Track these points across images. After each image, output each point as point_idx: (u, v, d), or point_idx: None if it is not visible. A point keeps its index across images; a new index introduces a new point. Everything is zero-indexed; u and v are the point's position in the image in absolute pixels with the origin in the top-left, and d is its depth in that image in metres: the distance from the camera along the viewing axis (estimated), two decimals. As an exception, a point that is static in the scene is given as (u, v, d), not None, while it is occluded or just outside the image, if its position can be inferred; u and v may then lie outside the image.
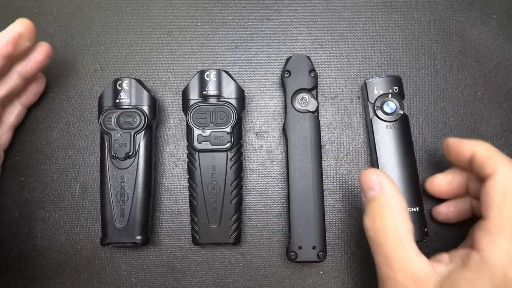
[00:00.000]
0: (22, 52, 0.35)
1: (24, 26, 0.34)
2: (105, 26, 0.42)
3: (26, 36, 0.34)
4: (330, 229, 0.38)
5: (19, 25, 0.34)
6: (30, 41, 0.35)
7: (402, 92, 0.37)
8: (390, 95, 0.37)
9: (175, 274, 0.38)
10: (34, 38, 0.35)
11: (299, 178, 0.35)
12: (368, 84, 0.38)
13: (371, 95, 0.37)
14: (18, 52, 0.34)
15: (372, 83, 0.38)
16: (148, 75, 0.41)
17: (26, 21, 0.34)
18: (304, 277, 0.37)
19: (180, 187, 0.39)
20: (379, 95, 0.37)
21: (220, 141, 0.36)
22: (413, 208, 0.35)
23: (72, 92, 0.41)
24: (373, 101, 0.37)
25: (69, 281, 0.38)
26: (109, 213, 0.36)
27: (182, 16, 0.42)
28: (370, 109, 0.37)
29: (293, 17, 0.42)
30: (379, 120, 0.37)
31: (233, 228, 0.36)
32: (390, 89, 0.37)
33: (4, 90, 0.36)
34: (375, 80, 0.38)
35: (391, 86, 0.37)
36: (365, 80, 0.38)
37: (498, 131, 0.39)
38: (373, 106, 0.37)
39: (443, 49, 0.41)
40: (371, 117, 0.37)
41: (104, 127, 0.36)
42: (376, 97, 0.37)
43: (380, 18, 0.42)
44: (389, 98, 0.37)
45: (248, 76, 0.41)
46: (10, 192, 0.40)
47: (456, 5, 0.42)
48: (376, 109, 0.37)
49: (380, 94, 0.37)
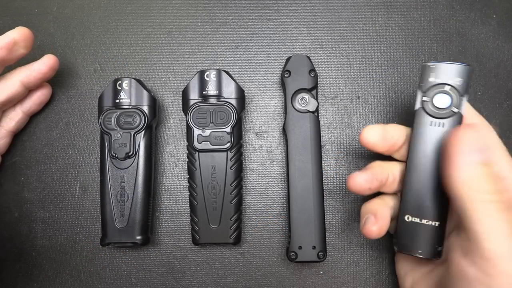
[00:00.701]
0: (16, 58, 0.35)
1: (21, 34, 0.34)
2: (105, 26, 0.42)
3: (21, 43, 0.35)
4: (330, 229, 0.38)
5: (16, 32, 0.34)
6: (26, 49, 0.35)
7: (467, 86, 0.30)
8: (448, 87, 0.30)
9: (175, 274, 0.38)
10: (30, 46, 0.36)
11: (299, 178, 0.35)
12: (425, 68, 0.30)
13: (425, 82, 0.30)
14: (12, 58, 0.35)
15: (430, 68, 0.30)
16: (148, 75, 0.41)
17: (24, 29, 0.35)
18: (304, 277, 0.37)
19: (180, 187, 0.39)
20: (434, 84, 0.30)
21: (220, 141, 0.36)
22: (432, 222, 0.30)
23: (72, 92, 0.41)
24: (425, 90, 0.30)
25: (69, 281, 0.38)
26: (109, 213, 0.36)
27: (182, 16, 0.42)
28: (418, 98, 0.31)
29: (293, 17, 0.42)
30: (424, 113, 0.30)
31: (233, 228, 0.36)
32: (451, 79, 0.30)
33: (4, 95, 0.36)
34: (436, 65, 0.30)
35: (455, 76, 0.30)
36: (424, 63, 0.31)
37: (498, 131, 0.39)
38: (422, 95, 0.30)
39: (443, 49, 0.41)
40: (415, 108, 0.31)
41: (104, 127, 0.36)
42: (430, 86, 0.30)
43: (380, 18, 0.42)
44: (444, 90, 0.30)
45: (248, 76, 0.41)
46: (10, 192, 0.40)
47: (456, 5, 0.42)
48: (425, 100, 0.30)
49: (436, 83, 0.30)
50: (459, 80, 0.30)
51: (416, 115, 0.31)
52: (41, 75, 0.37)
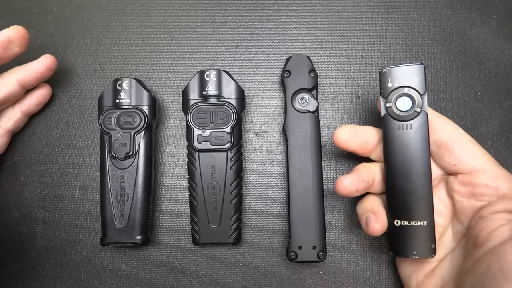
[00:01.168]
0: (11, 56, 0.35)
1: (16, 32, 0.34)
2: (105, 26, 0.42)
3: (16, 42, 0.35)
4: (330, 229, 0.38)
5: (11, 31, 0.34)
6: (21, 48, 0.35)
7: (425, 84, 0.31)
8: (406, 89, 0.31)
9: (175, 274, 0.38)
10: (25, 45, 0.35)
11: (299, 178, 0.35)
12: (382, 74, 0.31)
13: (384, 88, 0.31)
14: (7, 57, 0.35)
15: (386, 74, 0.31)
16: (148, 75, 0.41)
17: (19, 28, 0.35)
18: (304, 277, 0.37)
19: (180, 187, 0.39)
20: (394, 89, 0.31)
21: (220, 141, 0.36)
22: (421, 222, 0.30)
23: (72, 92, 0.41)
24: (386, 96, 0.31)
25: (69, 281, 0.38)
26: (109, 213, 0.36)
27: (182, 16, 0.42)
28: (382, 104, 0.31)
29: (293, 17, 0.42)
30: (391, 118, 0.31)
31: (233, 228, 0.36)
32: (408, 80, 0.31)
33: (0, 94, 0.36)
34: (391, 70, 0.31)
35: (411, 77, 0.31)
36: (379, 70, 0.32)
37: (498, 131, 0.39)
38: (384, 101, 0.31)
39: (443, 49, 0.41)
40: (381, 115, 0.31)
41: (104, 127, 0.36)
42: (390, 91, 0.31)
43: (380, 18, 0.42)
44: (404, 93, 0.30)
45: (248, 76, 0.41)
46: (10, 192, 0.40)
47: (456, 5, 0.42)
48: (388, 106, 0.31)
49: (395, 87, 0.31)
50: (415, 80, 0.30)
51: (383, 122, 0.31)
52: (38, 74, 0.37)
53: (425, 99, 0.30)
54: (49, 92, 0.40)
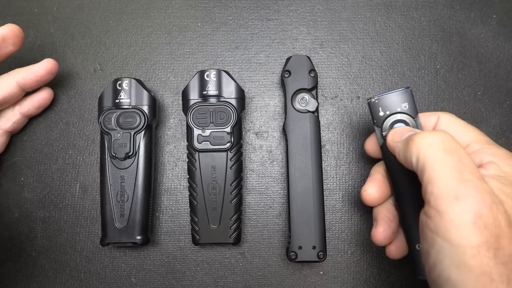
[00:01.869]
0: (5, 55, 0.35)
1: (10, 30, 0.34)
2: (105, 26, 0.42)
3: (10, 40, 0.35)
4: (330, 229, 0.38)
5: (5, 29, 0.34)
6: (15, 46, 0.35)
7: (414, 107, 0.30)
8: (399, 115, 0.30)
9: (175, 274, 0.38)
10: (19, 43, 0.35)
11: (299, 178, 0.35)
12: (371, 104, 0.31)
13: (377, 118, 0.31)
14: (0, 55, 0.35)
15: (375, 103, 0.31)
16: (148, 75, 0.41)
17: (14, 26, 0.35)
18: (304, 277, 0.37)
19: (180, 187, 0.39)
20: (386, 117, 0.31)
21: (220, 141, 0.36)
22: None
23: (72, 92, 0.41)
24: (379, 125, 0.31)
25: (69, 281, 0.38)
26: (109, 213, 0.36)
27: (182, 16, 0.42)
28: (378, 134, 0.31)
29: (293, 17, 0.42)
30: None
31: (233, 228, 0.36)
32: (398, 106, 0.30)
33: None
34: (380, 99, 0.31)
35: (400, 103, 0.31)
36: (368, 100, 0.32)
37: (498, 131, 0.39)
38: (380, 130, 0.31)
39: (443, 49, 0.41)
40: (380, 144, 0.31)
41: (104, 127, 0.36)
42: (383, 120, 0.31)
43: (380, 18, 0.42)
44: (397, 119, 0.30)
45: (248, 76, 0.41)
46: (10, 192, 0.40)
47: (456, 5, 0.42)
48: (385, 134, 0.31)
49: (387, 115, 0.31)
50: (405, 104, 0.30)
51: (383, 151, 0.31)
52: (38, 77, 0.36)
53: (419, 121, 0.30)
54: (50, 96, 0.40)
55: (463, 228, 0.21)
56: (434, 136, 0.25)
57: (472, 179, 0.22)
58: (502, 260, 0.21)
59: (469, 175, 0.22)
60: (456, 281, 0.22)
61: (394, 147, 0.28)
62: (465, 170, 0.23)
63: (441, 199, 0.22)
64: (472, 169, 0.23)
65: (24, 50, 0.42)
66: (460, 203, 0.22)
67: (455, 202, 0.22)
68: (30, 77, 0.36)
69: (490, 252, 0.21)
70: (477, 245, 0.21)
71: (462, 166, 0.23)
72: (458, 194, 0.22)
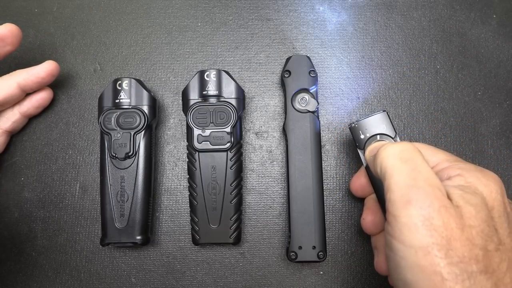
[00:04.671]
0: (3, 54, 0.35)
1: (7, 30, 0.34)
2: (105, 26, 0.42)
3: (8, 40, 0.35)
4: (330, 229, 0.38)
5: (3, 28, 0.34)
6: (12, 46, 0.35)
7: (392, 127, 0.33)
8: (378, 136, 0.32)
9: (175, 274, 0.38)
10: (17, 43, 0.35)
11: (299, 178, 0.35)
12: (352, 129, 0.33)
13: (359, 141, 0.33)
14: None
15: (356, 128, 0.33)
16: (148, 75, 0.41)
17: (12, 26, 0.35)
18: (304, 277, 0.37)
19: (180, 187, 0.39)
20: (367, 139, 0.33)
21: (220, 141, 0.36)
22: None
23: (72, 92, 0.41)
24: (362, 147, 0.33)
25: (69, 281, 0.38)
26: (109, 213, 0.36)
27: (182, 16, 0.42)
28: (361, 156, 0.33)
29: (293, 17, 0.42)
30: None
31: (233, 228, 0.36)
32: (377, 128, 0.32)
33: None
34: (359, 123, 0.33)
35: (378, 125, 0.33)
36: (349, 126, 0.33)
37: (498, 131, 0.39)
38: (363, 152, 0.33)
39: (443, 49, 0.41)
40: (364, 166, 0.33)
41: (104, 127, 0.36)
42: (364, 142, 0.33)
43: (380, 18, 0.42)
44: (377, 140, 0.32)
45: (248, 76, 0.41)
46: (10, 192, 0.40)
47: (456, 5, 0.42)
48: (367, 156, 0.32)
49: (368, 138, 0.33)
50: (383, 126, 0.33)
51: (367, 172, 0.33)
52: (39, 79, 0.36)
53: (398, 140, 0.32)
54: (50, 96, 0.40)
55: (414, 229, 0.23)
56: (394, 146, 0.27)
57: (423, 186, 0.24)
58: (453, 260, 0.22)
59: (421, 182, 0.24)
60: (411, 281, 0.23)
61: (368, 161, 0.31)
62: (419, 177, 0.24)
63: (396, 204, 0.24)
64: (427, 177, 0.24)
65: (24, 50, 0.42)
66: (411, 207, 0.23)
67: (407, 206, 0.24)
68: (30, 78, 0.36)
69: (441, 252, 0.22)
70: (427, 245, 0.22)
71: (416, 174, 0.24)
72: (410, 199, 0.24)
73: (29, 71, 0.36)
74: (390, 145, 0.27)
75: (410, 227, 0.23)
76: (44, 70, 0.36)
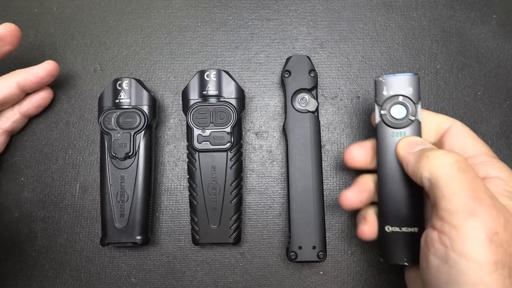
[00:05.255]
0: (2, 54, 0.35)
1: (7, 29, 0.34)
2: (105, 26, 0.42)
3: (6, 39, 0.35)
4: (330, 229, 0.38)
5: (3, 28, 0.34)
6: (12, 45, 0.35)
7: (418, 94, 0.31)
8: (401, 97, 0.31)
9: (175, 274, 0.38)
10: (15, 43, 0.35)
11: (299, 178, 0.35)
12: (378, 83, 0.32)
13: (380, 96, 0.32)
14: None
15: (382, 82, 0.32)
16: (148, 75, 0.41)
17: (11, 25, 0.35)
18: (304, 277, 0.37)
19: (180, 187, 0.39)
20: (388, 97, 0.31)
21: (220, 141, 0.36)
22: (412, 228, 0.30)
23: (72, 92, 0.41)
24: (381, 103, 0.32)
25: (69, 281, 0.38)
26: (109, 213, 0.36)
27: (182, 16, 0.42)
28: (377, 112, 0.32)
29: (293, 17, 0.42)
30: (385, 125, 0.31)
31: (233, 228, 0.36)
32: (403, 89, 0.31)
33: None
34: (387, 79, 0.32)
35: (406, 87, 0.31)
36: (375, 78, 0.32)
37: (498, 131, 0.39)
38: (379, 109, 0.32)
39: (443, 49, 0.41)
40: (376, 122, 0.32)
41: (104, 127, 0.36)
42: (385, 99, 0.31)
43: (380, 18, 0.42)
44: (399, 101, 0.31)
45: (248, 76, 0.41)
46: (10, 192, 0.40)
47: (456, 5, 0.42)
48: (383, 113, 0.31)
49: (390, 96, 0.31)
50: (410, 89, 0.31)
51: (377, 128, 0.32)
52: (38, 79, 0.36)
53: (419, 108, 0.31)
54: (50, 96, 0.40)
55: (480, 243, 0.22)
56: (449, 156, 0.25)
57: (485, 198, 0.23)
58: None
59: (482, 194, 0.23)
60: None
61: (404, 157, 0.29)
62: (479, 189, 0.23)
63: (457, 214, 0.23)
64: (485, 189, 0.24)
65: (24, 50, 0.42)
66: (476, 218, 0.22)
67: (471, 218, 0.22)
68: (30, 78, 0.36)
69: (505, 270, 0.21)
70: (494, 262, 0.21)
71: (476, 185, 0.24)
72: (473, 210, 0.22)
73: (28, 71, 0.36)
74: (443, 153, 0.26)
75: (475, 240, 0.22)
76: (44, 70, 0.36)
